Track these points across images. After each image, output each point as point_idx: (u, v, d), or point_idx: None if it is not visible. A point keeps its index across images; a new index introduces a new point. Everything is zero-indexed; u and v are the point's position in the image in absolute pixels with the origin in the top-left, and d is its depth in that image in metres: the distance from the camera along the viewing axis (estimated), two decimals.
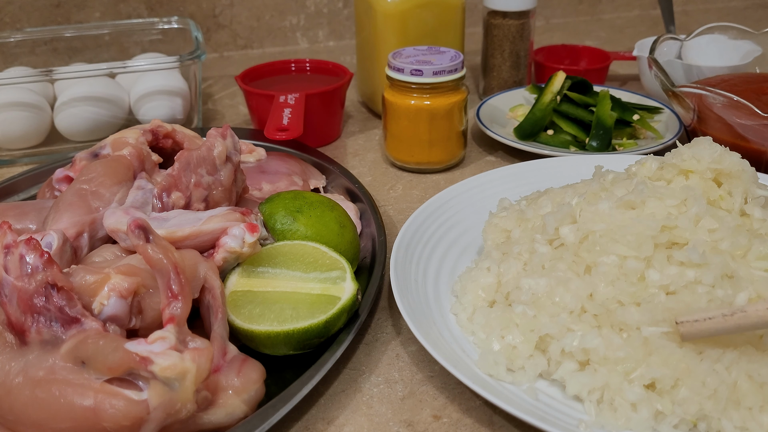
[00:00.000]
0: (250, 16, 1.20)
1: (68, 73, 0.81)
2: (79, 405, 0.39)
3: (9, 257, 0.42)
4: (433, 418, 0.47)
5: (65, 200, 0.54)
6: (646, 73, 0.95)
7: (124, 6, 1.12)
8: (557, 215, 0.51)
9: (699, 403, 0.41)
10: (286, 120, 0.75)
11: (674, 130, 0.80)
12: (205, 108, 0.99)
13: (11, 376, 0.41)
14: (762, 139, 0.66)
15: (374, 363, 0.51)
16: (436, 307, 0.53)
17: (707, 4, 1.49)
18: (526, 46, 0.93)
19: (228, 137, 0.58)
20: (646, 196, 0.48)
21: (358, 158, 0.82)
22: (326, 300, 0.48)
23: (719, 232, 0.46)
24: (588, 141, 0.79)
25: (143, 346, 0.39)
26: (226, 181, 0.57)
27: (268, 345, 0.47)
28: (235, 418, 0.43)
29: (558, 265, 0.49)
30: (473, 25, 1.20)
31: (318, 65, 0.91)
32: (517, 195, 0.63)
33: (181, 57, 0.82)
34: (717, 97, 0.65)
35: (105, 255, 0.50)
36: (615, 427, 0.42)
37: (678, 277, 0.45)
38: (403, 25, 0.83)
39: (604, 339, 0.44)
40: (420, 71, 0.72)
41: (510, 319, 0.48)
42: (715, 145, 0.51)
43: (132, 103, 0.84)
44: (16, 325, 0.42)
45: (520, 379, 0.46)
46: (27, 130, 0.81)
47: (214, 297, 0.47)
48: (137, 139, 0.60)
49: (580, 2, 1.39)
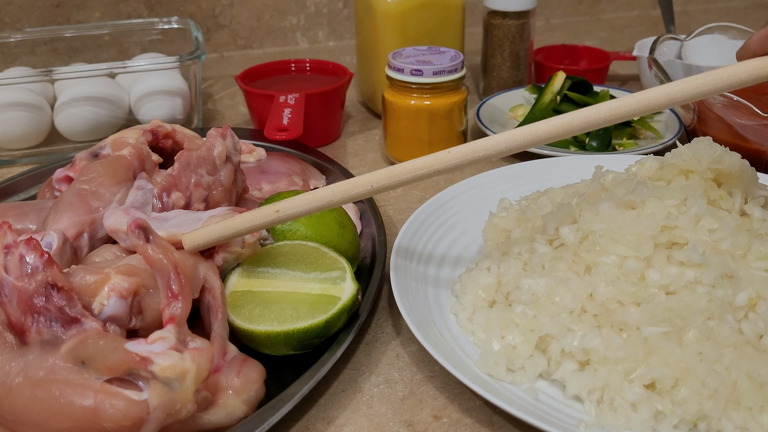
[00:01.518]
0: (250, 16, 1.20)
1: (68, 73, 0.81)
2: (79, 405, 0.39)
3: (9, 257, 0.42)
4: (433, 418, 0.47)
5: (65, 200, 0.54)
6: (646, 73, 0.95)
7: (124, 6, 1.12)
8: (557, 215, 0.51)
9: (699, 403, 0.41)
10: (286, 120, 0.75)
11: (674, 130, 0.80)
12: (205, 108, 0.99)
13: (11, 376, 0.41)
14: (762, 139, 0.66)
15: (374, 363, 0.51)
16: (436, 307, 0.53)
17: (707, 4, 1.49)
18: (526, 46, 0.93)
19: (228, 137, 0.58)
20: (646, 196, 0.48)
21: (358, 158, 0.82)
22: (326, 300, 0.48)
23: (719, 232, 0.46)
24: (588, 141, 0.79)
25: (143, 346, 0.39)
26: (226, 181, 0.57)
27: (268, 345, 0.47)
28: (235, 418, 0.43)
29: (558, 265, 0.49)
30: (473, 25, 1.20)
31: (318, 65, 0.91)
32: (517, 195, 0.63)
33: (181, 57, 0.82)
34: (717, 97, 0.65)
35: (105, 255, 0.50)
36: (615, 427, 0.42)
37: (678, 277, 0.45)
38: (403, 25, 0.83)
39: (604, 339, 0.44)
40: (420, 71, 0.72)
41: (510, 319, 0.48)
42: (715, 145, 0.51)
43: (132, 103, 0.84)
44: (16, 325, 0.42)
45: (520, 379, 0.46)
46: (27, 130, 0.81)
47: (214, 297, 0.47)
48: (137, 139, 0.60)
49: (580, 2, 1.39)
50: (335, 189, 0.47)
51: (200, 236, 0.48)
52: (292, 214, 0.48)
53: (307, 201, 0.48)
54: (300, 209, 0.48)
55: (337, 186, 0.47)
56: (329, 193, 0.47)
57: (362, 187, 0.47)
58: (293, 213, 0.48)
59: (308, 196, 0.48)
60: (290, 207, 0.48)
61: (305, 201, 0.48)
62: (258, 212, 0.48)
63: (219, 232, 0.48)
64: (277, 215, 0.47)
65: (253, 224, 0.48)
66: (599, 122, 0.44)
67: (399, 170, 0.46)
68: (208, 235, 0.48)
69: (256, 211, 0.48)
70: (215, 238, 0.48)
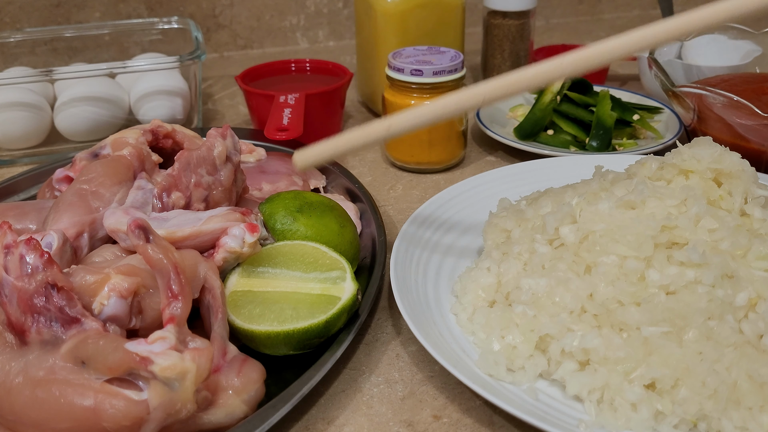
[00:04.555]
0: (250, 16, 1.20)
1: (68, 73, 0.81)
2: (79, 405, 0.39)
3: (9, 257, 0.42)
4: (433, 418, 0.47)
5: (65, 200, 0.54)
6: (646, 73, 0.95)
7: (124, 6, 1.12)
8: (557, 215, 0.51)
9: (699, 403, 0.41)
10: (286, 120, 0.75)
11: (674, 130, 0.80)
12: (205, 108, 0.99)
13: (11, 376, 0.41)
14: (762, 139, 0.66)
15: (374, 363, 0.52)
16: (436, 307, 0.53)
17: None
18: (526, 46, 0.93)
19: (228, 137, 0.58)
20: (646, 196, 0.48)
21: (358, 158, 0.82)
22: (326, 300, 0.48)
23: (719, 232, 0.46)
24: (588, 141, 0.79)
25: (143, 346, 0.39)
26: (226, 181, 0.57)
27: (268, 345, 0.47)
28: (235, 418, 0.43)
29: (558, 265, 0.49)
30: (473, 25, 1.20)
31: (318, 65, 0.91)
32: (517, 195, 0.63)
33: (181, 57, 0.82)
34: (717, 97, 0.65)
35: (105, 255, 0.50)
36: (615, 427, 0.42)
37: (678, 277, 0.45)
38: (403, 25, 0.83)
39: (604, 339, 0.44)
40: (420, 71, 0.72)
41: (510, 319, 0.48)
42: (715, 145, 0.51)
43: (132, 103, 0.84)
44: (16, 325, 0.42)
45: (520, 379, 0.46)
46: (27, 130, 0.81)
47: (214, 297, 0.47)
48: (137, 139, 0.60)
49: (580, 2, 1.39)
50: (446, 101, 0.47)
51: (312, 154, 0.48)
52: (402, 128, 0.47)
53: (416, 115, 0.47)
54: (410, 123, 0.47)
55: (447, 98, 0.47)
56: (439, 106, 0.47)
57: (474, 98, 0.46)
58: (404, 127, 0.47)
59: (417, 110, 0.47)
60: (401, 121, 0.47)
61: (415, 115, 0.47)
62: (370, 128, 0.47)
63: (332, 149, 0.48)
64: (387, 131, 0.47)
65: (365, 140, 0.48)
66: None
67: (507, 81, 0.46)
68: (320, 153, 0.48)
69: (368, 127, 0.47)
70: (328, 156, 0.48)
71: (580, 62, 0.44)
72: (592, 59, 0.44)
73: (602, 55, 0.44)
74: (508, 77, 0.46)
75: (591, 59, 0.44)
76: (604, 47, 0.44)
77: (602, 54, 0.44)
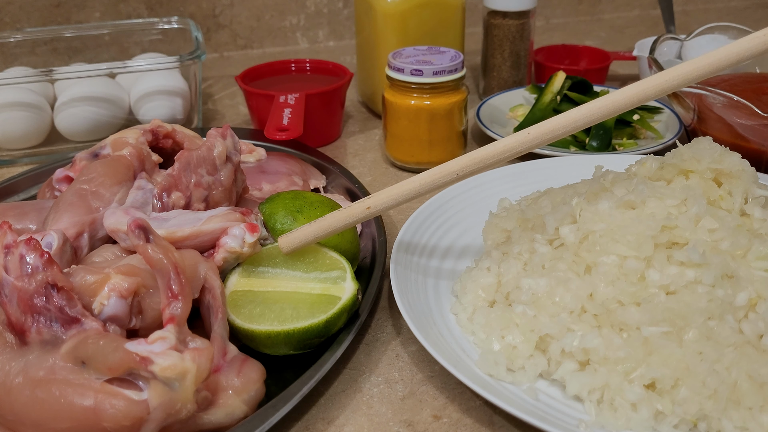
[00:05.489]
0: (250, 16, 1.20)
1: (68, 73, 0.81)
2: (79, 405, 0.39)
3: (9, 257, 0.42)
4: (433, 418, 0.47)
5: (65, 200, 0.54)
6: (647, 73, 0.95)
7: (124, 6, 1.12)
8: (557, 215, 0.51)
9: (699, 403, 0.41)
10: (286, 120, 0.75)
11: (674, 130, 0.80)
12: (205, 108, 0.99)
13: (11, 376, 0.41)
14: (762, 139, 0.66)
15: (374, 363, 0.51)
16: (436, 307, 0.53)
17: (707, 4, 1.49)
18: (526, 46, 0.93)
19: (228, 137, 0.58)
20: (646, 196, 0.48)
21: (358, 158, 0.82)
22: (326, 300, 0.48)
23: (719, 232, 0.46)
24: (588, 141, 0.79)
25: (143, 346, 0.39)
26: (226, 181, 0.57)
27: (269, 345, 0.47)
28: (235, 418, 0.43)
29: (558, 265, 0.49)
30: (473, 25, 1.20)
31: (318, 65, 0.91)
32: (517, 195, 0.63)
33: (181, 57, 0.82)
34: (717, 97, 0.65)
35: (105, 255, 0.50)
36: (615, 427, 0.42)
37: (678, 277, 0.45)
38: (403, 25, 0.83)
39: (604, 339, 0.44)
40: (420, 71, 0.72)
41: (510, 319, 0.48)
42: (715, 145, 0.51)
43: (132, 103, 0.84)
44: (16, 325, 0.42)
45: (520, 379, 0.46)
46: (27, 130, 0.81)
47: (214, 297, 0.47)
48: (137, 139, 0.60)
49: (580, 2, 1.39)
50: (422, 180, 0.48)
51: (297, 238, 0.50)
52: (382, 208, 0.49)
53: (396, 195, 0.49)
54: (390, 203, 0.49)
55: (423, 176, 0.48)
56: (416, 186, 0.48)
57: (448, 176, 0.48)
58: (384, 207, 0.49)
59: (396, 190, 0.49)
60: (380, 202, 0.49)
61: (395, 195, 0.49)
62: (350, 210, 0.49)
63: (314, 233, 0.50)
64: (368, 212, 0.49)
65: (346, 221, 0.50)
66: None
67: (482, 155, 0.47)
68: (304, 237, 0.50)
69: (348, 209, 0.50)
70: (312, 239, 0.50)
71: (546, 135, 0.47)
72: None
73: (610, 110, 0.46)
74: (482, 153, 0.48)
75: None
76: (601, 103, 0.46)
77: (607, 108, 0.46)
